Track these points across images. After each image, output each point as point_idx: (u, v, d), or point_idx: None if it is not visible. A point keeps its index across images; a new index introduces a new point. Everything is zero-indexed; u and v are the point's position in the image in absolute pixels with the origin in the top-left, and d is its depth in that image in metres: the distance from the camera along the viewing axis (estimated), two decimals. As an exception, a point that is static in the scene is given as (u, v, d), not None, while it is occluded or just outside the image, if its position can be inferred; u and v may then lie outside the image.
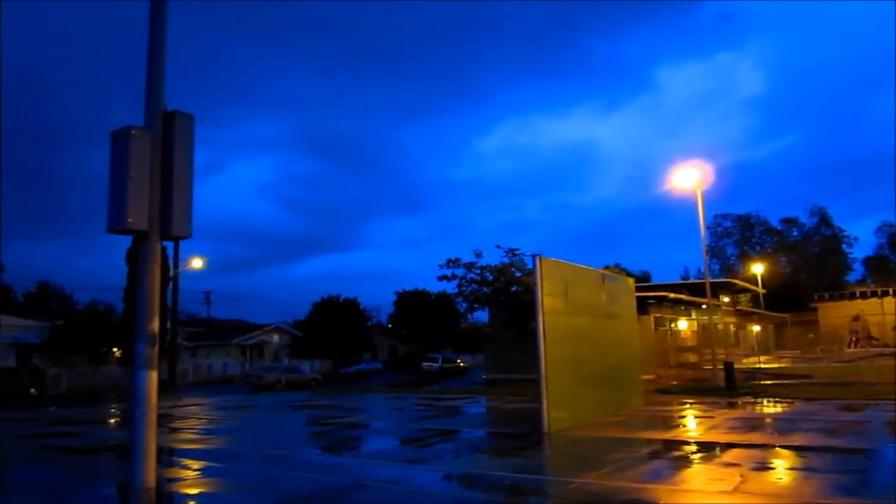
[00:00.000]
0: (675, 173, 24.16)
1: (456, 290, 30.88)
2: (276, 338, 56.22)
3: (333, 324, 54.53)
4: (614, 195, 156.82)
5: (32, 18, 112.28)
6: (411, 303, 63.65)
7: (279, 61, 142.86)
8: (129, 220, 4.99)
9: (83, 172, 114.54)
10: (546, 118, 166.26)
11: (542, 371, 12.30)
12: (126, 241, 44.27)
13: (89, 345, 42.78)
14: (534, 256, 12.85)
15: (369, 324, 64.54)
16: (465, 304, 32.41)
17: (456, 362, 47.61)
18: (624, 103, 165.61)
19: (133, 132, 5.22)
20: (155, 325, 5.14)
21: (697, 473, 8.43)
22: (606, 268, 26.35)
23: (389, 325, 68.12)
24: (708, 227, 42.52)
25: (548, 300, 12.67)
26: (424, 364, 45.66)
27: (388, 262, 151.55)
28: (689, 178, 24.03)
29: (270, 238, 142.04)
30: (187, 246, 41.78)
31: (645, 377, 19.16)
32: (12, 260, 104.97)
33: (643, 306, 19.25)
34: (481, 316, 35.19)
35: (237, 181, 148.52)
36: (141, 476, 4.98)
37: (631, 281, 18.57)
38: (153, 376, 5.06)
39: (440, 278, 30.52)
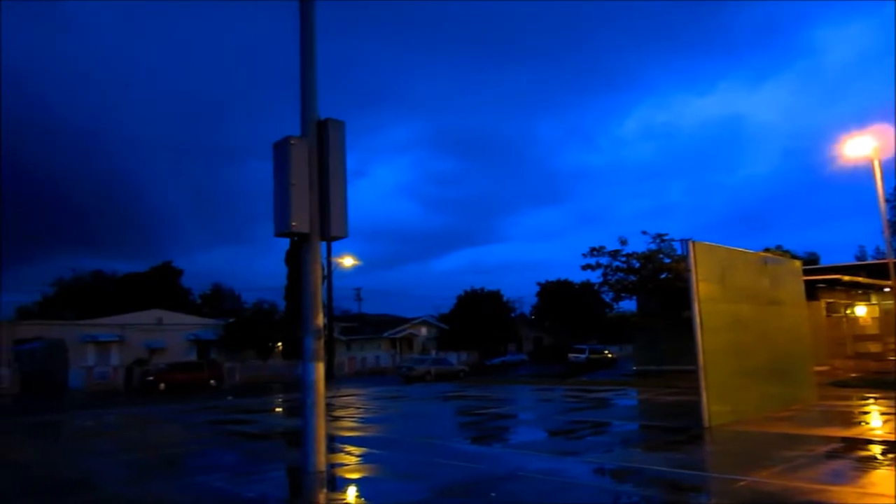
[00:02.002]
0: (846, 142, 21.83)
1: (601, 279, 30.00)
2: (423, 331, 58.06)
3: (477, 316, 55.29)
4: (769, 171, 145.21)
5: (189, 48, 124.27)
6: (555, 293, 62.95)
7: (413, 64, 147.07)
8: (294, 223, 5.37)
9: (246, 184, 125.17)
10: (687, 96, 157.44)
11: (700, 362, 11.65)
12: (284, 244, 47.83)
13: (257, 340, 46.69)
14: (686, 241, 12.19)
15: (513, 315, 64.69)
16: (610, 294, 31.35)
17: (603, 353, 46.45)
18: (775, 72, 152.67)
19: (292, 142, 5.61)
20: (320, 320, 5.51)
21: (888, 477, 7.57)
22: (766, 250, 24.35)
23: (533, 317, 67.84)
24: (888, 201, 37.90)
25: (703, 286, 11.97)
26: (571, 355, 45.00)
27: (529, 254, 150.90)
28: (863, 147, 21.61)
29: (413, 235, 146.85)
30: (338, 246, 44.36)
31: (817, 368, 17.50)
32: (190, 265, 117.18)
33: (812, 291, 17.55)
34: (628, 305, 33.91)
35: (379, 183, 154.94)
36: (312, 460, 5.35)
37: (797, 263, 17.06)
38: (320, 368, 5.42)
39: (584, 267, 29.83)
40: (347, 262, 42.91)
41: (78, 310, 60.46)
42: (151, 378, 34.83)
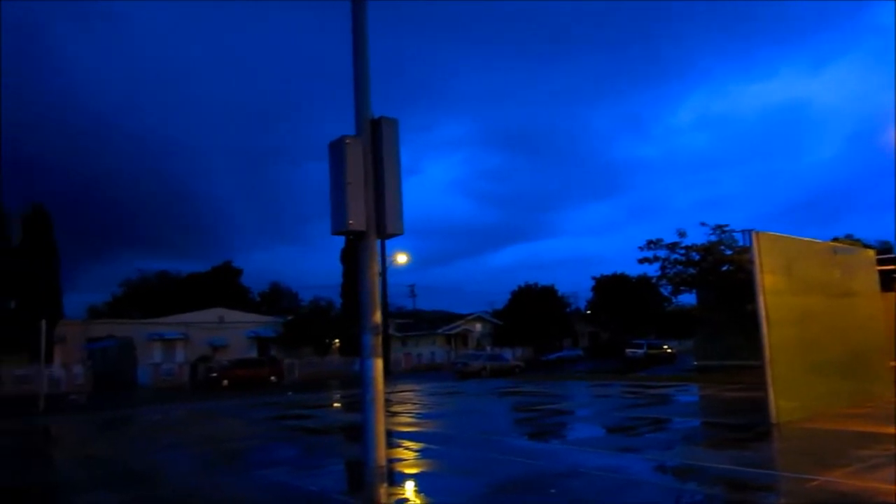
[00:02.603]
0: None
1: (659, 273, 29.33)
2: (478, 327, 58.08)
3: (532, 311, 54.99)
4: (835, 157, 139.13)
5: (246, 52, 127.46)
6: (610, 287, 61.98)
7: (463, 60, 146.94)
8: (350, 221, 5.43)
9: (301, 184, 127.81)
10: (745, 82, 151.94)
11: (766, 356, 11.25)
12: (340, 243, 48.62)
13: (314, 337, 47.64)
14: (749, 231, 11.78)
15: (568, 310, 64.04)
16: (669, 287, 30.59)
17: (662, 348, 45.45)
18: (839, 54, 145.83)
19: (347, 141, 5.67)
20: (378, 317, 5.56)
21: (974, 476, 7.15)
22: (836, 240, 23.33)
23: (588, 312, 66.95)
24: (966, 186, 35.77)
25: (768, 278, 11.55)
26: (628, 350, 44.22)
27: (583, 248, 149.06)
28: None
29: (466, 231, 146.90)
30: (392, 243, 44.80)
31: (893, 364, 16.67)
32: (249, 265, 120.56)
33: (887, 282, 16.65)
34: (687, 299, 33.05)
35: (431, 180, 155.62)
36: (373, 455, 5.40)
37: (870, 253, 16.29)
38: (379, 364, 5.47)
39: (641, 261, 29.23)
40: (401, 259, 43.29)
41: (145, 309, 63.01)
42: (215, 374, 35.98)
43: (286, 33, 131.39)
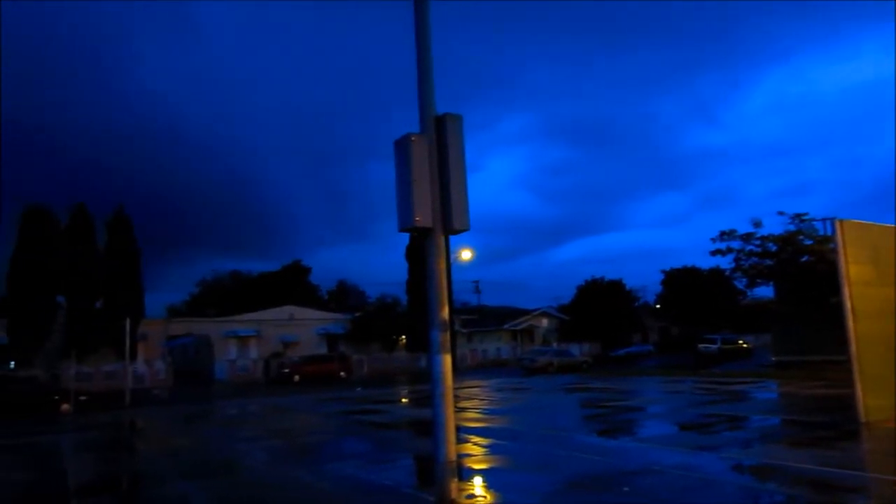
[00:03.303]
0: None
1: (733, 265, 28.37)
2: (544, 322, 57.54)
3: (599, 306, 54.03)
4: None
5: (312, 54, 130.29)
6: (681, 281, 60.16)
7: (523, 54, 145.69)
8: (417, 218, 5.48)
9: (366, 183, 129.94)
10: (824, 62, 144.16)
11: (853, 351, 10.68)
12: (405, 240, 49.11)
13: (381, 333, 48.31)
14: (832, 220, 11.20)
15: (636, 305, 62.61)
16: (744, 280, 29.50)
17: (737, 343, 43.79)
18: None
19: (412, 138, 5.72)
20: (446, 313, 5.58)
21: None
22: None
23: (658, 306, 65.24)
24: None
25: (854, 269, 10.95)
26: (701, 346, 42.83)
27: (651, 241, 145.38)
28: None
29: (530, 226, 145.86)
30: (456, 239, 44.92)
31: None
32: (317, 263, 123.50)
33: None
34: (764, 292, 31.74)
35: (494, 176, 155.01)
36: (443, 450, 5.44)
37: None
38: (447, 360, 5.50)
39: (713, 253, 28.32)
40: (466, 255, 43.33)
41: (220, 307, 65.54)
42: (287, 370, 37.04)
43: (350, 33, 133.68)
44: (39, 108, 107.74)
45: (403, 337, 48.89)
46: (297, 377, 36.15)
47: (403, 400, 22.93)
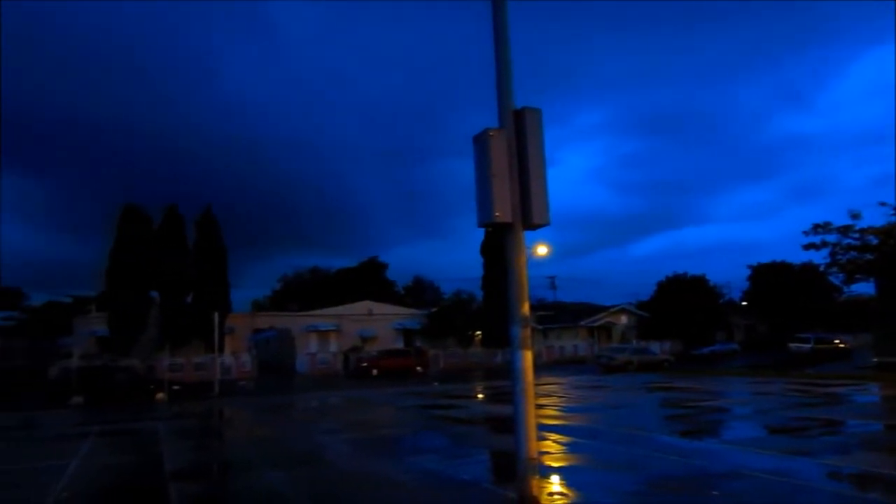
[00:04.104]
0: None
1: (828, 260, 26.78)
2: (623, 319, 56.28)
3: (681, 303, 52.26)
4: None
5: (384, 53, 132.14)
6: (769, 277, 57.34)
7: (598, 45, 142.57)
8: (496, 213, 5.45)
9: (441, 180, 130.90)
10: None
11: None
12: (480, 236, 49.12)
13: (456, 329, 48.57)
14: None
15: (720, 302, 60.16)
16: (840, 275, 27.79)
17: (832, 343, 41.31)
18: None
19: (491, 133, 5.68)
20: (526, 308, 5.53)
21: None
22: None
23: (744, 303, 62.49)
24: None
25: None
26: (792, 345, 40.68)
27: (736, 235, 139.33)
28: None
29: (607, 221, 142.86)
30: (531, 235, 44.25)
31: None
32: (393, 259, 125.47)
33: None
34: (863, 288, 29.81)
35: (568, 170, 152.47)
36: (524, 447, 5.39)
37: None
38: (528, 356, 5.44)
39: (806, 247, 26.83)
40: (542, 250, 42.83)
41: (300, 302, 67.69)
42: (365, 364, 37.83)
43: (426, 31, 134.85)
44: (134, 112, 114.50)
45: (479, 332, 48.95)
46: (374, 371, 36.86)
47: (479, 396, 22.96)
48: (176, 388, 25.24)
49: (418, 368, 38.98)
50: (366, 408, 19.49)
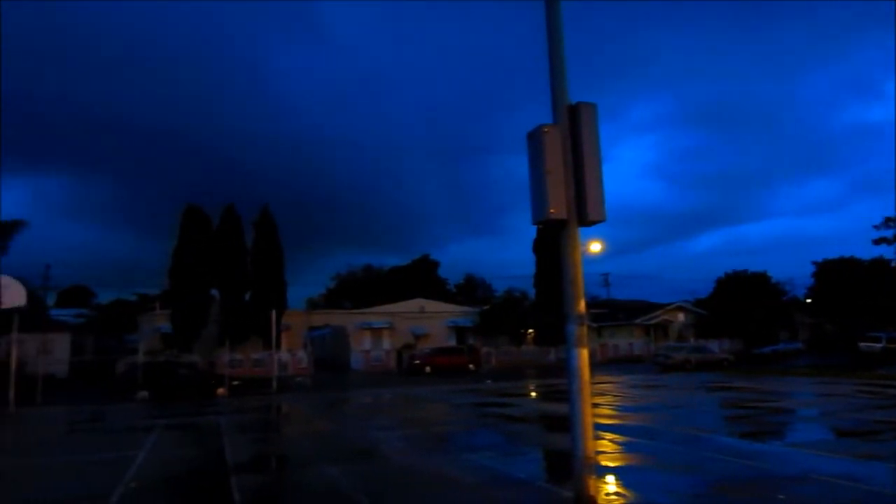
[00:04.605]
0: None
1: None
2: (680, 317, 54.96)
3: (741, 300, 50.62)
4: None
5: (434, 52, 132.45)
6: (836, 273, 54.87)
7: (653, 37, 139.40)
8: (551, 210, 5.39)
9: (492, 178, 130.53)
10: None
11: None
12: (532, 233, 48.80)
13: (509, 326, 48.34)
14: None
15: (783, 299, 58.00)
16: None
17: (907, 342, 39.32)
18: None
19: (545, 129, 5.63)
20: (582, 306, 5.46)
21: None
22: None
23: (808, 301, 60.09)
24: None
25: None
26: (862, 344, 38.88)
27: (799, 230, 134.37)
28: None
29: (662, 217, 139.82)
30: (584, 231, 43.63)
31: None
32: (445, 257, 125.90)
33: None
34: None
35: (622, 165, 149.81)
36: (581, 446, 5.33)
37: None
38: (584, 354, 5.38)
39: (877, 241, 25.78)
40: (595, 247, 42.25)
41: (354, 299, 68.69)
42: (418, 361, 38.09)
43: (477, 28, 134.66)
44: (194, 115, 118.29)
45: (531, 330, 48.63)
46: (428, 368, 37.07)
47: (533, 394, 22.81)
48: (235, 383, 26.01)
49: (471, 366, 39.02)
50: (420, 405, 19.62)
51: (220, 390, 24.67)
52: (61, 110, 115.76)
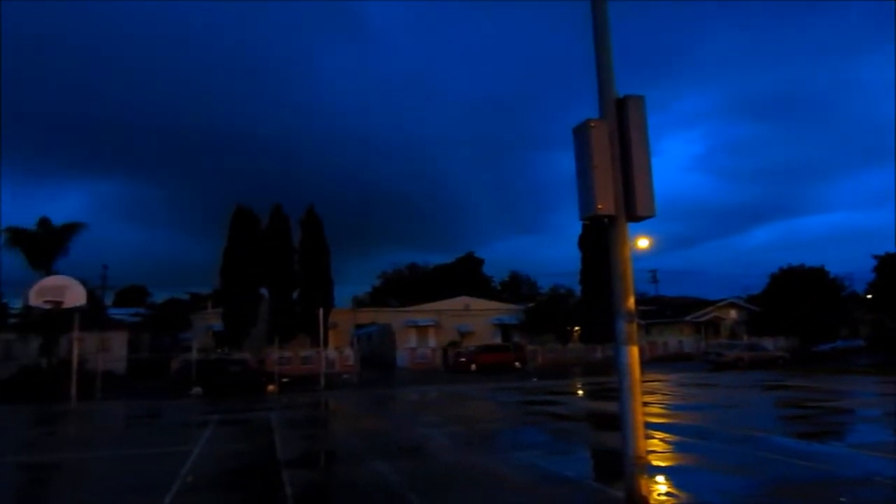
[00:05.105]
0: None
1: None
2: (732, 313, 53.55)
3: (796, 296, 48.96)
4: None
5: (477, 49, 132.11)
6: (898, 267, 52.60)
7: (700, 26, 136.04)
8: (599, 206, 5.32)
9: (536, 175, 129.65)
10: None
11: None
12: (576, 230, 48.27)
13: (554, 324, 47.91)
14: None
15: (842, 295, 55.84)
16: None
17: (975, 339, 37.46)
18: None
19: (592, 124, 5.55)
20: (631, 303, 5.37)
21: None
22: None
23: (868, 296, 57.69)
24: None
25: None
26: (926, 342, 37.24)
27: (858, 223, 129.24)
28: None
29: (710, 211, 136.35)
30: (632, 227, 42.87)
31: None
32: (489, 254, 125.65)
33: None
34: None
35: (669, 159, 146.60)
36: (632, 445, 5.25)
37: None
38: (634, 351, 5.28)
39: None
40: (643, 243, 41.46)
41: (399, 297, 69.21)
42: (464, 359, 38.12)
43: (521, 21, 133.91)
44: (241, 118, 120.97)
45: (577, 328, 48.11)
46: (473, 366, 37.06)
47: (580, 392, 22.57)
48: (285, 380, 26.50)
49: (516, 364, 38.85)
50: (466, 402, 19.63)
51: (270, 387, 25.18)
52: (117, 117, 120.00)
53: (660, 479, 7.59)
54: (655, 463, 8.54)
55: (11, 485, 9.33)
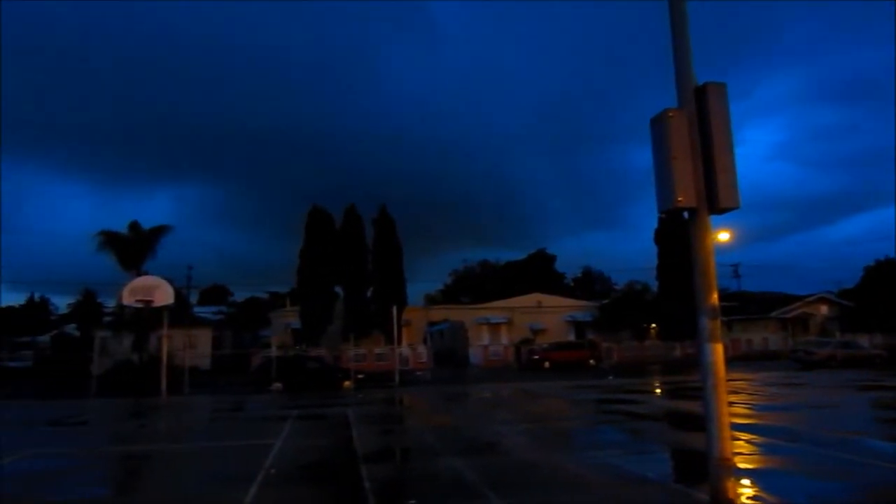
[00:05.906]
0: None
1: None
2: (822, 309, 50.78)
3: (894, 290, 45.96)
4: None
5: (547, 42, 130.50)
6: None
7: (782, 9, 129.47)
8: (679, 198, 5.14)
9: (608, 169, 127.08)
10: None
11: None
12: (652, 224, 46.99)
13: (630, 321, 46.83)
14: None
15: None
16: None
17: None
18: None
19: (670, 114, 5.38)
20: (714, 298, 5.17)
21: None
22: None
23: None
24: None
25: None
26: None
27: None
28: None
29: (795, 202, 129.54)
30: (713, 220, 41.31)
31: None
32: (561, 251, 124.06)
33: None
34: None
35: (750, 148, 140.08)
36: (717, 446, 5.05)
37: None
38: (718, 349, 5.09)
39: None
40: (724, 236, 39.85)
41: (470, 294, 69.34)
42: (537, 356, 37.83)
43: (592, 10, 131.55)
44: (315, 120, 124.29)
45: (654, 325, 46.82)
46: (546, 363, 36.73)
47: (658, 390, 21.97)
48: (360, 376, 27.06)
49: (591, 361, 38.23)
50: (540, 400, 19.46)
51: (346, 383, 25.75)
52: (199, 123, 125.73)
53: (746, 482, 7.28)
54: (742, 465, 8.20)
55: (114, 473, 9.94)
